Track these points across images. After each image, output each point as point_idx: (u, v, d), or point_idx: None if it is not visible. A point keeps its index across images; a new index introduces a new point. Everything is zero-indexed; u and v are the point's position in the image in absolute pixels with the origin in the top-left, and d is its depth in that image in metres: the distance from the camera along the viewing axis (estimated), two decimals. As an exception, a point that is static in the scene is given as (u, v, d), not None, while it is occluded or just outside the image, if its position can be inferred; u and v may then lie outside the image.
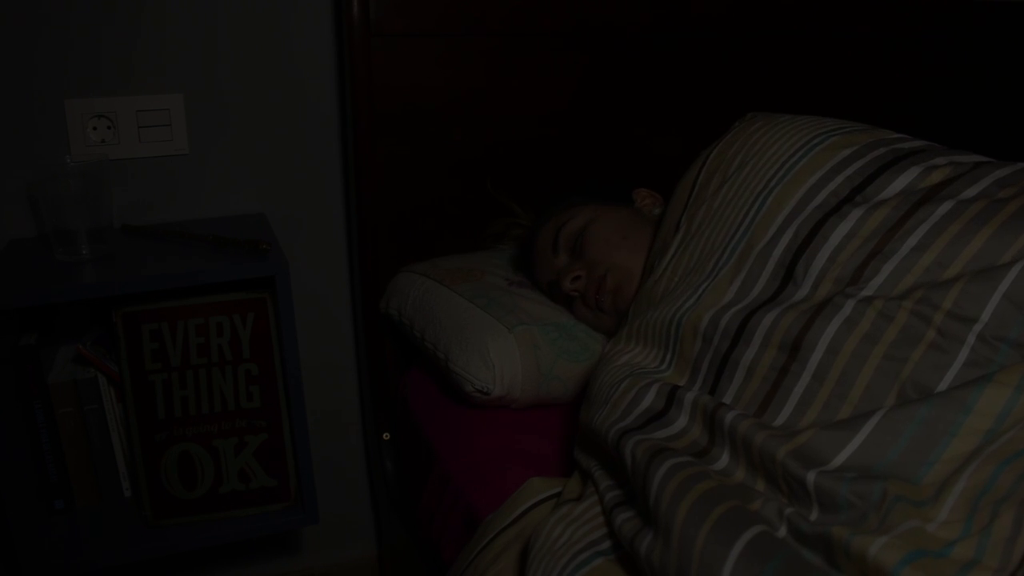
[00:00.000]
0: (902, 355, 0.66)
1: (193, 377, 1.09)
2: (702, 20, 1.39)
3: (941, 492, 0.56)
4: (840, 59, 1.53)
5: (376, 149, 1.23)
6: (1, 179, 1.17)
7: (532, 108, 1.34)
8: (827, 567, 0.54)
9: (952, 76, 1.64)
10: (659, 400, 0.78)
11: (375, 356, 1.30)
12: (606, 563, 0.68)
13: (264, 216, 1.29)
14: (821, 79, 1.53)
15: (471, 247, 1.35)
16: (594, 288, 1.08)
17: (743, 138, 0.94)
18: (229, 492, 1.13)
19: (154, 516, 1.11)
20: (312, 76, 1.28)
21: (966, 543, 0.51)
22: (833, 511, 0.57)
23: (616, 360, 0.89)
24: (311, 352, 1.38)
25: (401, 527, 1.24)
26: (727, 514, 0.57)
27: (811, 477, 0.59)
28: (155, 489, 1.10)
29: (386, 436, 1.30)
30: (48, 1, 1.13)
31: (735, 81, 1.45)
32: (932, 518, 0.54)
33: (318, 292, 1.38)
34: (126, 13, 1.17)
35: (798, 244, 0.78)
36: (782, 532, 0.58)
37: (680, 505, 0.60)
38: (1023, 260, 0.64)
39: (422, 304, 1.17)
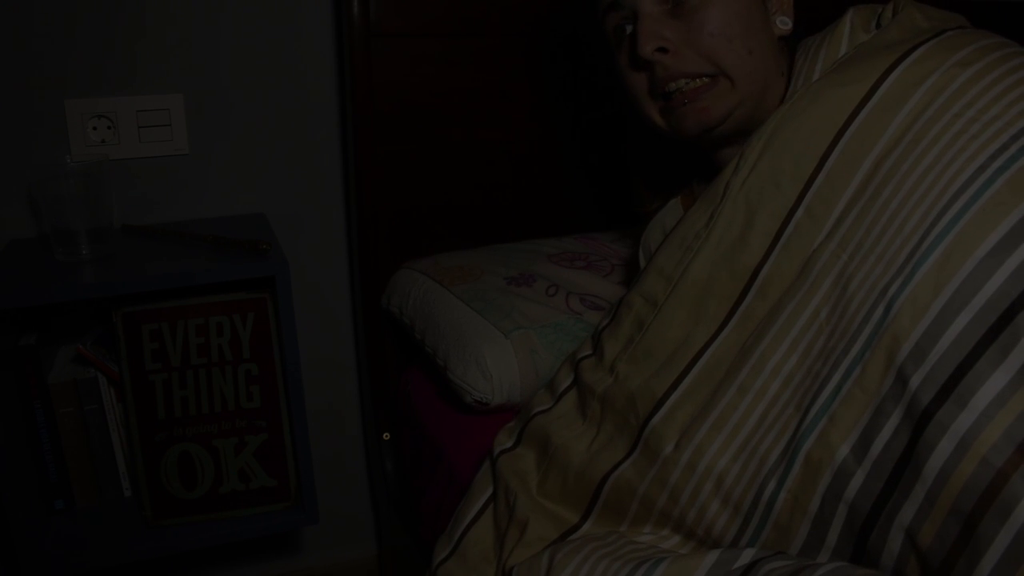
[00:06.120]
0: None
1: (193, 377, 1.09)
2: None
3: None
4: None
5: (376, 149, 1.23)
6: (1, 179, 1.17)
7: (531, 107, 1.34)
8: None
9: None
10: None
11: (375, 356, 1.30)
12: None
13: (264, 216, 1.29)
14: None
15: (471, 246, 1.35)
16: (683, 80, 0.80)
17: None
18: (229, 492, 1.13)
19: (154, 516, 1.11)
20: (312, 76, 1.28)
21: None
22: None
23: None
24: (311, 352, 1.38)
25: (401, 527, 1.24)
26: None
27: None
28: (155, 489, 1.10)
29: (386, 436, 1.30)
30: (49, 1, 1.13)
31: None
32: None
33: (318, 292, 1.38)
34: (127, 13, 1.17)
35: None
36: None
37: None
38: None
39: (422, 305, 1.17)
